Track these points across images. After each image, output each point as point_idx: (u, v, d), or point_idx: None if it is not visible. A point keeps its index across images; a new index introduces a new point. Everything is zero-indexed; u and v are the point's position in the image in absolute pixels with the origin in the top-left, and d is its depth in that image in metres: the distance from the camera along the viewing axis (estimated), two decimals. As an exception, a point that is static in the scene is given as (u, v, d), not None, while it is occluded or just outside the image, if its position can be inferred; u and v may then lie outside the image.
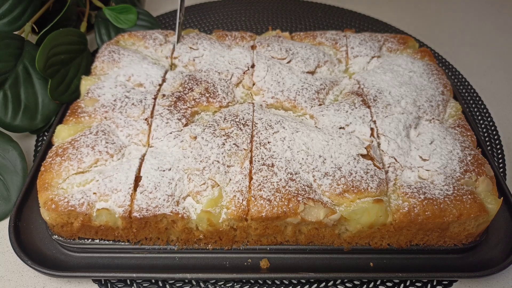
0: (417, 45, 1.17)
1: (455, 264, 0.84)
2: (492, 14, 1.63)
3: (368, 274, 0.82)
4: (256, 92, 1.00)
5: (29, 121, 1.03)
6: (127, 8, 1.28)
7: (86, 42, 1.17)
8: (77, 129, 0.91)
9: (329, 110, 0.94)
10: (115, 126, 0.91)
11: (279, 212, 0.77)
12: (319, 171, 0.82)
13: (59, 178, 0.81)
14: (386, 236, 0.83)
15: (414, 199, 0.79)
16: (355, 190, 0.80)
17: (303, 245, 0.84)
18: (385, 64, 1.07)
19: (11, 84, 1.02)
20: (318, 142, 0.86)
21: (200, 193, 0.80)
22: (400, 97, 0.96)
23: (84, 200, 0.78)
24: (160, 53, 1.10)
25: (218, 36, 1.17)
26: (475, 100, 1.24)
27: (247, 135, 0.88)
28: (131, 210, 0.78)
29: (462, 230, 0.82)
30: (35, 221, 0.87)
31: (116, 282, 0.83)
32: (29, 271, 0.84)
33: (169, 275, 0.80)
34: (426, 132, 0.91)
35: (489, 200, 0.81)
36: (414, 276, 0.82)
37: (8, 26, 1.08)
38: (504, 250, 0.85)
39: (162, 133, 0.88)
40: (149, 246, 0.84)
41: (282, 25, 1.51)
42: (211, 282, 0.83)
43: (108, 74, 1.04)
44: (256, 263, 0.84)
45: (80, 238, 0.84)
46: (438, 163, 0.84)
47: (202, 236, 0.82)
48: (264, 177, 0.81)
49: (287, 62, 1.06)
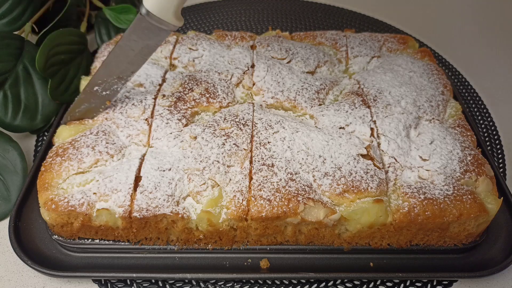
0: (417, 45, 1.17)
1: (455, 264, 0.84)
2: (492, 14, 1.63)
3: (368, 274, 0.82)
4: (256, 92, 1.00)
5: (29, 121, 1.03)
6: (127, 8, 1.28)
7: (86, 42, 1.17)
8: (77, 129, 0.91)
9: (329, 110, 0.94)
10: (115, 126, 0.91)
11: (279, 212, 0.77)
12: (319, 171, 0.82)
13: (59, 178, 0.81)
14: (386, 236, 0.83)
15: (414, 199, 0.79)
16: (355, 190, 0.80)
17: (303, 245, 0.84)
18: (385, 64, 1.07)
19: (11, 84, 1.02)
20: (318, 142, 0.86)
21: (200, 193, 0.80)
22: (400, 97, 0.96)
23: (84, 200, 0.78)
24: (159, 53, 1.10)
25: (218, 36, 1.17)
26: (475, 100, 1.24)
27: (247, 135, 0.88)
28: (131, 210, 0.78)
29: (462, 230, 0.82)
30: (35, 221, 0.87)
31: (116, 282, 0.83)
32: (29, 271, 0.84)
33: (169, 275, 0.80)
34: (426, 132, 0.91)
35: (489, 200, 0.82)
36: (414, 276, 0.82)
37: (8, 26, 1.08)
38: (504, 250, 0.85)
39: (162, 133, 0.88)
40: (149, 246, 0.84)
41: (282, 25, 1.51)
42: (211, 282, 0.83)
43: (108, 74, 1.04)
44: (256, 263, 0.84)
45: (80, 238, 0.84)
46: (438, 163, 0.84)
47: (202, 236, 0.82)
48: (264, 177, 0.81)
49: (287, 62, 1.06)
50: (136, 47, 0.84)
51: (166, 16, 0.78)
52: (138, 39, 0.82)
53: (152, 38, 0.83)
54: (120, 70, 0.88)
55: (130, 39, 0.83)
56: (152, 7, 0.76)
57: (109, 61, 0.87)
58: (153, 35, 0.82)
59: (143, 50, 0.85)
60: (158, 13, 0.77)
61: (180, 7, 0.79)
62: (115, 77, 0.89)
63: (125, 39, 0.83)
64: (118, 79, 0.90)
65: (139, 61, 0.88)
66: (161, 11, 0.77)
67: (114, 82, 0.90)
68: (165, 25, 0.79)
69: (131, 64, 0.88)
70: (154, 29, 0.80)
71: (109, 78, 0.89)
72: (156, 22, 0.78)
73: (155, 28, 0.80)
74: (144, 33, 0.81)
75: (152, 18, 0.78)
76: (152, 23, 0.79)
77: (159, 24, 0.79)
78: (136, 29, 0.81)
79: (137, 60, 0.87)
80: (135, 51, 0.85)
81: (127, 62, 0.87)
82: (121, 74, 0.89)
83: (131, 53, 0.85)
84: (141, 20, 0.79)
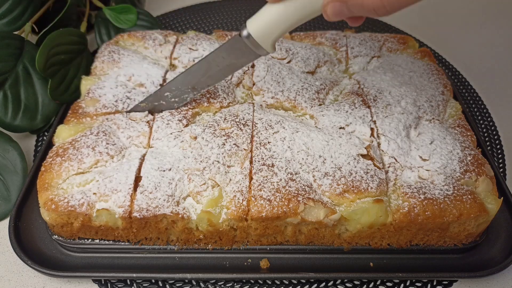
0: (417, 45, 1.17)
1: (455, 264, 0.84)
2: (492, 14, 1.63)
3: (368, 274, 0.82)
4: (256, 92, 1.00)
5: (29, 121, 1.03)
6: (127, 8, 1.28)
7: (86, 42, 1.17)
8: (77, 130, 0.91)
9: (329, 110, 0.94)
10: (116, 127, 0.90)
11: (279, 212, 0.77)
12: (319, 171, 0.82)
13: (59, 179, 0.81)
14: (386, 236, 0.83)
15: (414, 199, 0.79)
16: (355, 190, 0.80)
17: (303, 245, 0.84)
18: (385, 64, 1.07)
19: (11, 84, 1.02)
20: (318, 142, 0.86)
21: (200, 193, 0.80)
22: (400, 97, 0.96)
23: (84, 201, 0.78)
24: (159, 54, 1.10)
25: (218, 36, 1.17)
26: (475, 100, 1.24)
27: (247, 135, 0.88)
28: (131, 210, 0.78)
29: (462, 230, 0.82)
30: (35, 221, 0.87)
31: (116, 282, 0.83)
32: (29, 271, 0.84)
33: (169, 275, 0.80)
34: (426, 132, 0.91)
35: (489, 200, 0.82)
36: (414, 276, 0.82)
37: (8, 26, 1.08)
38: (504, 250, 0.85)
39: (163, 133, 0.88)
40: (149, 246, 0.84)
41: (282, 25, 1.51)
42: (211, 282, 0.83)
43: (108, 74, 1.04)
44: (256, 263, 0.84)
45: (80, 238, 0.84)
46: (438, 163, 0.84)
47: (202, 236, 0.82)
48: (264, 177, 0.81)
49: (287, 62, 1.06)
50: (222, 64, 0.84)
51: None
52: (227, 56, 0.82)
53: (240, 59, 0.83)
54: (197, 81, 0.88)
55: (219, 55, 0.83)
56: (255, 31, 0.76)
57: (190, 71, 0.88)
58: (243, 57, 0.82)
59: (227, 67, 0.85)
60: (259, 38, 0.76)
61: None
62: (189, 87, 0.90)
63: (214, 54, 0.83)
64: (192, 89, 0.90)
65: (219, 77, 0.88)
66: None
67: (187, 91, 0.90)
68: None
69: (210, 78, 0.88)
70: (247, 52, 0.79)
71: (184, 87, 0.90)
72: (252, 46, 0.77)
73: (248, 51, 0.79)
74: (235, 53, 0.81)
75: (251, 41, 0.77)
76: (248, 45, 0.78)
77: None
78: (229, 48, 0.81)
79: (217, 76, 0.87)
80: (219, 67, 0.85)
81: (207, 76, 0.87)
82: (197, 85, 0.89)
83: (215, 68, 0.85)
84: (237, 41, 0.79)
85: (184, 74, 0.89)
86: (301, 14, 0.73)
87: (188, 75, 0.88)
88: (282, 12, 0.73)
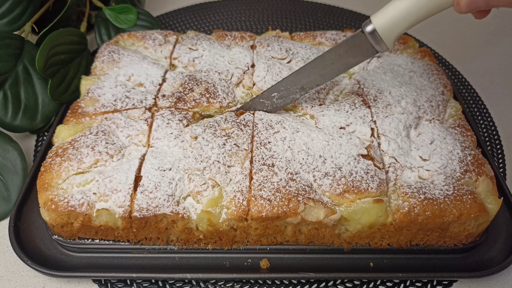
0: (417, 45, 1.17)
1: (455, 264, 0.84)
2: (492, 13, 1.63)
3: (368, 274, 0.82)
4: (256, 92, 1.00)
5: (29, 121, 1.03)
6: (127, 8, 1.28)
7: (86, 42, 1.17)
8: (77, 129, 0.91)
9: (329, 110, 0.94)
10: (115, 126, 0.90)
11: (279, 212, 0.77)
12: (319, 171, 0.82)
13: (59, 179, 0.81)
14: (386, 236, 0.83)
15: (414, 199, 0.79)
16: (355, 190, 0.80)
17: (303, 245, 0.84)
18: (385, 64, 1.07)
19: (11, 84, 1.02)
20: (319, 142, 0.86)
21: (201, 193, 0.80)
22: (400, 97, 0.96)
23: (84, 201, 0.78)
24: (159, 54, 1.10)
25: (218, 36, 1.17)
26: (475, 100, 1.24)
27: (247, 135, 0.88)
28: (131, 210, 0.78)
29: (462, 230, 0.82)
30: (35, 221, 0.87)
31: (116, 282, 0.83)
32: (29, 271, 0.84)
33: (169, 275, 0.80)
34: (426, 132, 0.91)
35: (489, 200, 0.82)
36: (414, 276, 0.82)
37: (8, 26, 1.08)
38: (504, 250, 0.85)
39: (163, 133, 0.88)
40: (149, 246, 0.84)
41: (282, 25, 1.51)
42: (211, 282, 0.83)
43: (108, 74, 1.04)
44: (256, 263, 0.84)
45: (80, 238, 0.84)
46: (438, 163, 0.84)
47: (202, 236, 0.82)
48: (265, 177, 0.81)
49: (287, 62, 1.06)
50: (337, 61, 0.82)
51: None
52: (344, 54, 0.81)
53: (357, 57, 0.80)
54: (307, 80, 0.87)
55: (336, 53, 0.81)
56: (380, 26, 0.74)
57: (303, 69, 0.86)
58: (361, 54, 0.80)
59: (341, 65, 0.83)
60: (383, 33, 0.74)
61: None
62: (299, 87, 0.88)
63: (331, 51, 0.82)
64: (300, 89, 0.88)
65: (330, 75, 0.86)
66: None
67: (295, 91, 0.89)
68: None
69: (321, 77, 0.86)
70: (366, 48, 0.77)
71: (293, 87, 0.88)
72: (374, 42, 0.75)
73: (368, 47, 0.77)
74: (354, 50, 0.79)
75: (374, 37, 0.75)
76: (370, 41, 0.76)
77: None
78: (348, 44, 0.79)
79: (329, 74, 0.85)
80: (334, 65, 0.83)
81: (319, 75, 0.85)
82: (306, 85, 0.87)
83: (329, 66, 0.83)
84: (359, 37, 0.77)
85: (295, 73, 0.87)
86: (432, 7, 0.71)
87: (300, 74, 0.86)
88: (412, 5, 0.72)
